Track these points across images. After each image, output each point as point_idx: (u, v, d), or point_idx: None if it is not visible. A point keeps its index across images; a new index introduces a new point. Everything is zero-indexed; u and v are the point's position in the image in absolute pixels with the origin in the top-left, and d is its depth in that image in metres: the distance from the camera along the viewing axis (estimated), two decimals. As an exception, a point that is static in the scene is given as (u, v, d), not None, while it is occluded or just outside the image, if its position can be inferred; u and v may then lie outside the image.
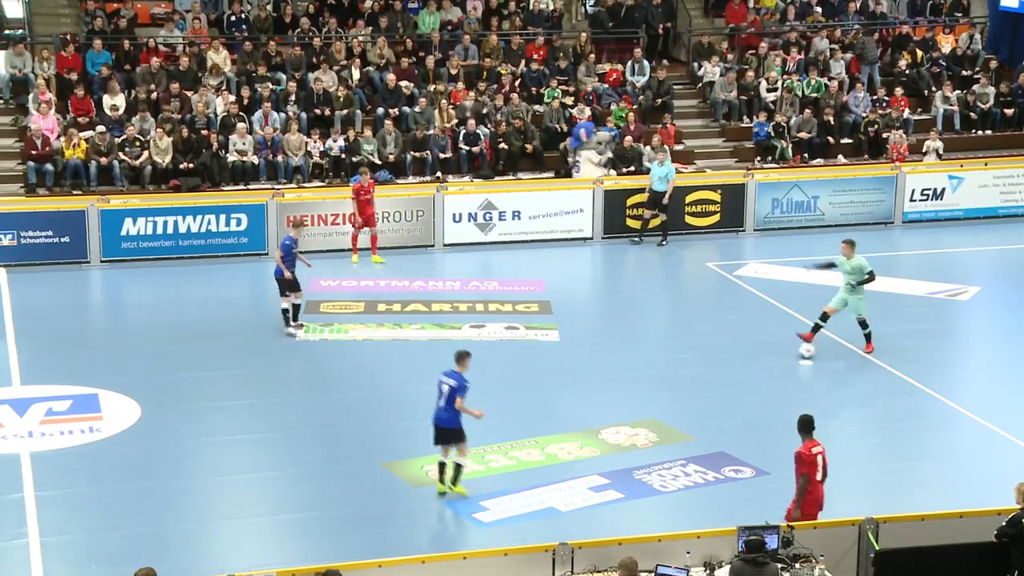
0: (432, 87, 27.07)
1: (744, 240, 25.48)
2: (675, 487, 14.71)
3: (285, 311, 19.55)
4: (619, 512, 14.16)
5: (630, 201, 25.23)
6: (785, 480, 14.76)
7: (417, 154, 26.05)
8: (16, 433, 15.84)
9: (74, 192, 24.12)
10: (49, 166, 24.23)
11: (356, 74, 27.21)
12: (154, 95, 25.84)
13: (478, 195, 24.80)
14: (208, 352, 18.75)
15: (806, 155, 27.88)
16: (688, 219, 25.49)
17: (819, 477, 12.87)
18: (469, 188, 25.19)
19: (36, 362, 18.16)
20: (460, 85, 27.28)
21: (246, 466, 15.29)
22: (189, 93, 25.99)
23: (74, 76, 25.75)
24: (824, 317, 18.83)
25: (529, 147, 26.45)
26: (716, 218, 25.65)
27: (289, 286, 19.46)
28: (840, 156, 28.09)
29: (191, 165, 24.84)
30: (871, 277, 18.71)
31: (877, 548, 11.54)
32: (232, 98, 25.99)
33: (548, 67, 28.28)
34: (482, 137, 26.36)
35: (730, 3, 30.46)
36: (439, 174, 25.93)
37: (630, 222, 25.19)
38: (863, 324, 18.84)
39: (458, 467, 14.34)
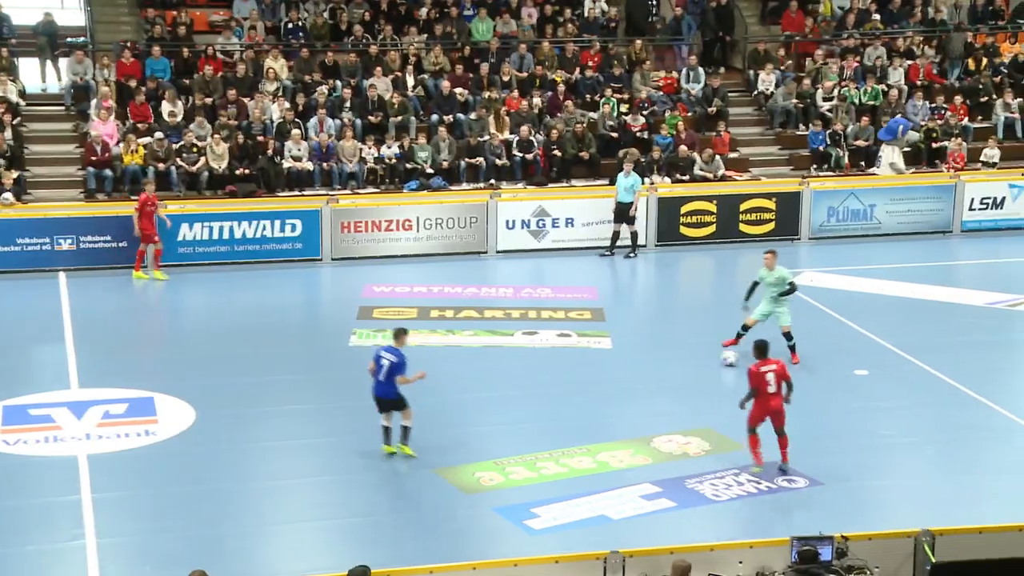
0: (486, 94, 27.13)
1: (799, 248, 25.29)
2: (728, 496, 14.61)
3: None
4: (671, 521, 14.07)
5: (684, 209, 25.15)
6: (840, 491, 14.65)
7: (471, 161, 26.12)
8: (74, 435, 16.01)
9: (132, 198, 24.34)
10: (108, 172, 24.54)
11: (411, 81, 27.33)
12: (211, 102, 26.10)
13: (531, 202, 24.81)
14: (262, 357, 18.87)
15: (863, 163, 27.66)
16: (743, 227, 25.35)
17: (771, 391, 14.91)
18: (523, 195, 25.21)
19: (93, 365, 18.35)
20: (514, 92, 27.33)
21: (299, 471, 15.36)
22: (246, 100, 26.23)
23: (133, 83, 26.07)
24: (745, 328, 18.64)
25: (585, 154, 26.43)
26: (771, 226, 25.49)
27: None
28: (897, 164, 27.84)
29: (247, 171, 25.07)
30: (792, 288, 18.60)
31: (933, 561, 11.38)
32: (288, 105, 26.20)
33: (603, 74, 28.26)
34: (536, 144, 26.38)
35: (787, 10, 30.29)
36: (493, 181, 25.97)
37: (684, 230, 25.10)
38: (787, 336, 18.53)
39: (405, 429, 15.37)
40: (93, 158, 24.55)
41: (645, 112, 27.47)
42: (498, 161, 26.16)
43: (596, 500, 14.42)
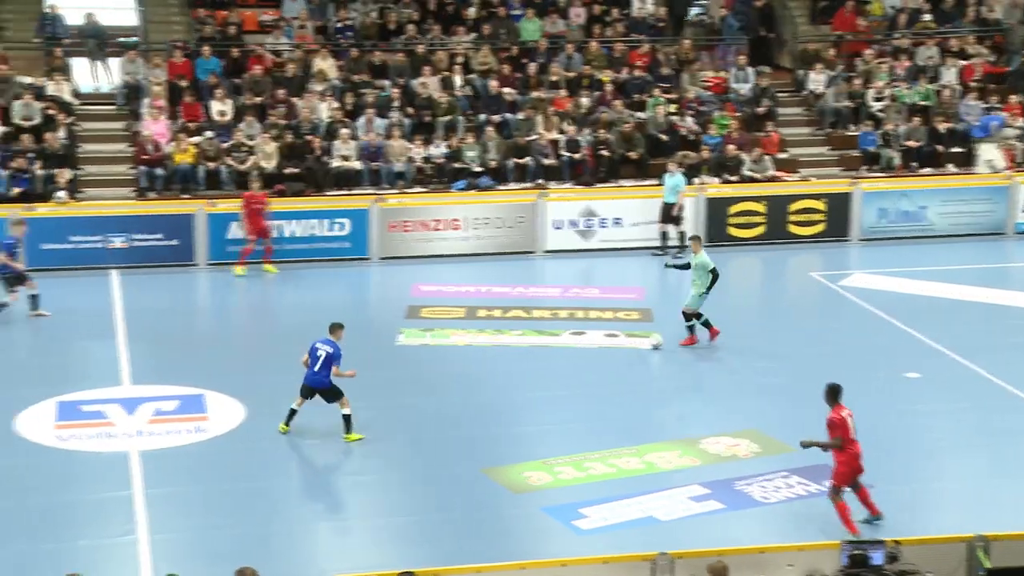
0: (534, 94, 27.12)
1: (849, 250, 25.12)
2: (777, 499, 14.52)
3: (4, 305, 20.14)
4: (720, 523, 14.01)
5: (732, 210, 25.03)
6: (891, 495, 14.50)
7: (519, 161, 26.11)
8: (126, 432, 16.16)
9: (183, 196, 24.59)
10: (159, 170, 24.74)
11: (459, 81, 27.37)
12: (260, 101, 26.26)
13: (579, 202, 24.78)
14: (311, 355, 18.94)
15: (915, 164, 27.40)
16: (791, 228, 25.20)
17: (852, 436, 13.53)
18: (570, 195, 25.18)
19: (145, 362, 18.50)
20: (562, 92, 27.31)
21: (347, 469, 15.43)
22: (295, 99, 26.36)
23: (184, 82, 26.28)
24: (687, 317, 19.18)
25: (634, 154, 26.34)
26: (821, 227, 25.32)
27: (18, 280, 20.21)
28: (950, 165, 27.52)
29: (296, 170, 25.19)
30: (714, 275, 18.84)
31: (987, 566, 11.26)
32: (336, 104, 26.31)
33: (651, 74, 28.18)
34: (584, 144, 26.33)
35: (840, 10, 30.07)
36: (540, 181, 25.95)
37: (732, 231, 24.98)
38: (696, 316, 19.14)
39: (346, 417, 15.85)
40: (144, 157, 24.78)
41: (693, 112, 27.35)
42: (546, 161, 26.13)
43: (644, 501, 14.37)
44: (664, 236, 24.35)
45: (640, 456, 15.56)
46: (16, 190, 23.60)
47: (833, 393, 13.75)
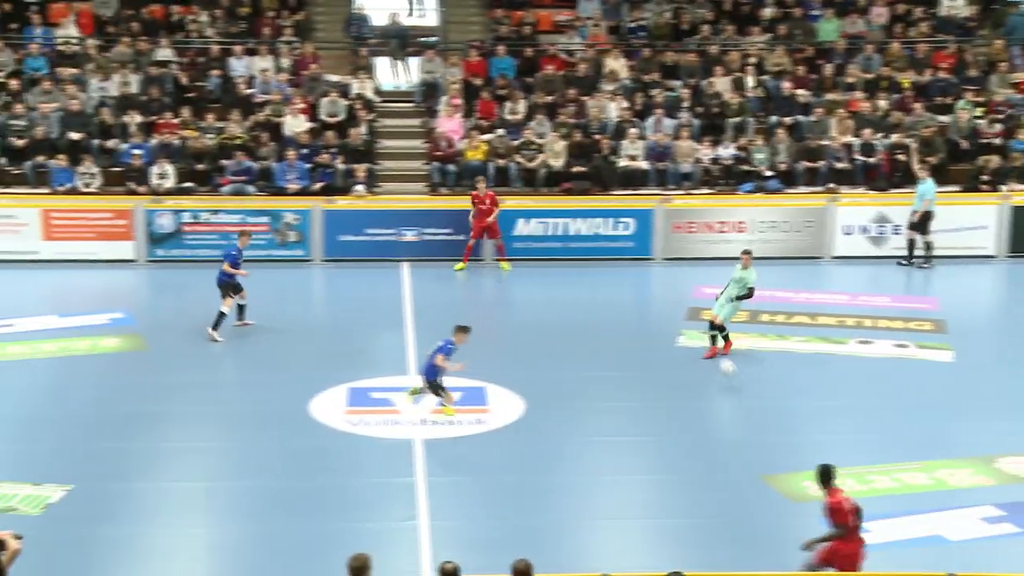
0: (829, 96, 26.38)
1: None
2: (1080, 528, 13.58)
3: (223, 315, 19.53)
4: (1015, 547, 13.20)
5: (1040, 219, 23.69)
6: None
7: (810, 164, 25.45)
8: (410, 420, 16.64)
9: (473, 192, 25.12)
10: (451, 167, 25.42)
11: (751, 81, 26.92)
12: (551, 100, 26.58)
13: (872, 207, 23.94)
14: (591, 353, 19.03)
15: None
16: (1108, 239, 23.61)
17: (855, 525, 11.41)
18: (863, 200, 24.36)
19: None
20: (858, 94, 26.45)
21: (623, 468, 15.37)
22: (585, 98, 26.55)
23: (478, 81, 26.90)
24: (715, 327, 18.54)
25: (933, 160, 25.23)
26: None
27: (234, 290, 19.67)
28: None
29: (583, 169, 25.37)
30: (750, 293, 18.32)
31: None
32: (626, 104, 26.34)
33: (958, 76, 26.93)
34: (880, 148, 25.42)
35: None
36: (831, 185, 25.21)
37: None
38: (712, 326, 18.54)
39: (420, 392, 16.60)
40: (437, 153, 25.50)
41: (1001, 116, 25.98)
42: (838, 164, 25.38)
43: (931, 519, 13.71)
44: (928, 246, 23.25)
45: (928, 472, 14.87)
46: (319, 184, 24.75)
47: (824, 476, 11.67)
